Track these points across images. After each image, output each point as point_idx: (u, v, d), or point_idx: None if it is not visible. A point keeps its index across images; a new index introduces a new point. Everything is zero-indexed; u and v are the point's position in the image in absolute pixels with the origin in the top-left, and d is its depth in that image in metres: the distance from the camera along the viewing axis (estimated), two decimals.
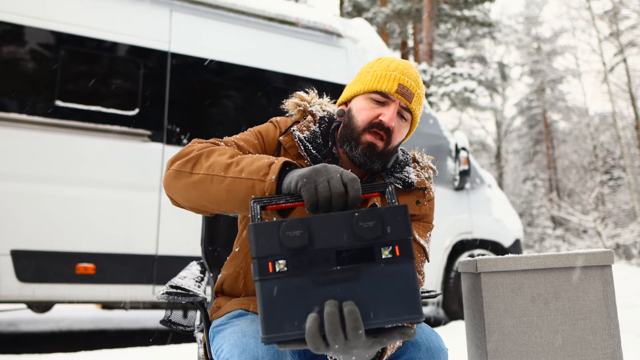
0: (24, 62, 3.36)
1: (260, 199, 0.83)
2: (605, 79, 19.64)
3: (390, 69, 1.20)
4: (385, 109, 1.18)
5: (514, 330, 1.45)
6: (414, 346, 1.07)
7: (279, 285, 0.71)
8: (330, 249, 0.73)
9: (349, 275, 0.72)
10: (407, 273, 0.72)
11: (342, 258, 0.72)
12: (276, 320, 0.69)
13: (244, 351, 0.95)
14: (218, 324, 1.16)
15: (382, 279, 0.71)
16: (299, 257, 0.72)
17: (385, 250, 0.73)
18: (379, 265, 0.72)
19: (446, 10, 16.90)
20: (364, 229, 0.73)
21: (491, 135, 27.32)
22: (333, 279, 0.71)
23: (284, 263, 0.72)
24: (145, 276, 3.42)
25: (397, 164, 1.26)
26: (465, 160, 4.70)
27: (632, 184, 18.09)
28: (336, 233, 0.74)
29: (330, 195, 0.79)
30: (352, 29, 4.63)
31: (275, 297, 0.70)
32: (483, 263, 1.48)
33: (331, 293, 0.71)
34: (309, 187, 0.80)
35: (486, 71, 23.48)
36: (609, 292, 1.46)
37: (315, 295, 0.70)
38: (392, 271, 0.72)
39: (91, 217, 3.31)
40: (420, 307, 0.71)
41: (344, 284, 0.71)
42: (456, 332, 3.66)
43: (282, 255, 0.72)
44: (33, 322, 5.19)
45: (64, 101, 3.36)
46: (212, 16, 3.97)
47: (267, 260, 0.72)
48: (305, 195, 0.80)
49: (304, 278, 0.71)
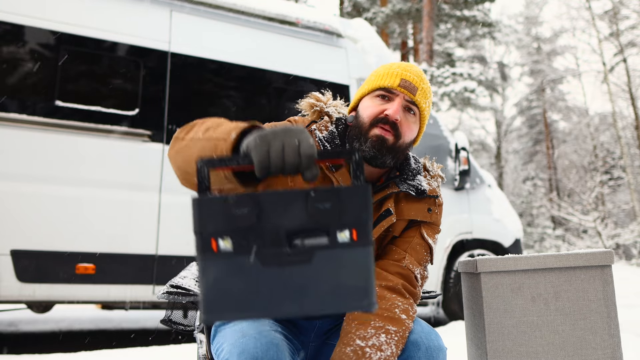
0: (24, 62, 3.36)
1: (209, 159, 0.74)
2: (605, 79, 19.65)
3: (392, 68, 1.24)
4: (389, 104, 1.20)
5: (514, 330, 1.45)
6: (414, 345, 1.08)
7: (222, 265, 0.66)
8: (281, 229, 0.67)
9: (300, 259, 0.67)
10: (363, 259, 0.67)
11: (294, 239, 0.67)
12: (218, 302, 0.65)
13: (243, 351, 0.95)
14: (221, 322, 1.16)
15: (336, 263, 0.67)
16: (246, 235, 0.67)
17: (341, 234, 0.67)
18: (333, 249, 0.67)
19: (446, 10, 16.90)
20: (319, 211, 0.67)
21: (491, 135, 27.33)
22: (282, 261, 0.66)
23: (230, 242, 0.66)
24: (145, 276, 3.42)
25: (410, 171, 1.27)
26: (465, 160, 4.70)
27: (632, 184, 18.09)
28: (289, 212, 0.68)
29: (282, 165, 0.72)
30: (352, 29, 4.63)
31: (218, 278, 0.65)
32: (483, 263, 1.48)
33: (279, 275, 0.66)
34: (260, 149, 0.73)
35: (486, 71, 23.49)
36: (609, 292, 1.46)
37: (262, 277, 0.66)
38: (347, 256, 0.67)
39: (91, 217, 3.31)
40: (373, 295, 0.67)
41: (294, 267, 0.66)
42: (456, 332, 3.66)
43: (228, 233, 0.66)
44: (33, 322, 5.19)
45: (64, 101, 3.36)
46: (212, 16, 3.96)
47: (210, 238, 0.66)
48: (255, 158, 0.73)
49: (250, 258, 0.66)
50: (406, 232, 1.24)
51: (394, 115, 1.17)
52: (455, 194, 4.77)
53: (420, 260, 1.22)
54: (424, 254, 1.23)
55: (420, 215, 1.24)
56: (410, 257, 1.20)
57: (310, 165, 0.72)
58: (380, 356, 1.03)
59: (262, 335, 0.99)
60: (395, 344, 1.05)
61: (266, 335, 0.99)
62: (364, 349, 1.03)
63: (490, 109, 19.84)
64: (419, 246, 1.23)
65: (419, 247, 1.23)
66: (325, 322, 1.23)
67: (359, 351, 1.03)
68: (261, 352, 0.95)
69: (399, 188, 1.23)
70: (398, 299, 1.12)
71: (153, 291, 3.44)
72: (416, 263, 1.21)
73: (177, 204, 3.53)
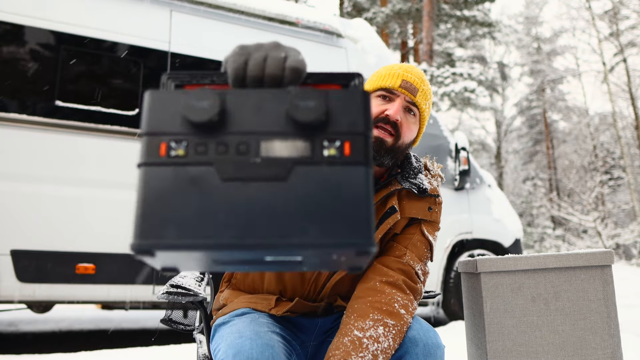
0: (24, 62, 3.36)
1: (176, 74, 0.59)
2: (605, 79, 19.65)
3: (393, 69, 1.25)
4: (390, 104, 1.22)
5: (514, 330, 1.45)
6: (412, 341, 1.08)
7: (171, 173, 0.50)
8: (250, 133, 0.52)
9: (272, 173, 0.51)
10: (356, 180, 0.51)
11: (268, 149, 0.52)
12: (157, 221, 0.49)
13: (238, 352, 0.95)
14: (221, 322, 1.17)
15: (320, 184, 0.51)
16: (206, 140, 0.51)
17: (330, 148, 0.52)
18: (317, 164, 0.51)
19: (446, 10, 16.91)
20: (301, 110, 0.51)
21: (491, 135, 27.33)
22: (249, 175, 0.50)
23: (184, 146, 0.51)
24: (145, 276, 3.42)
25: (412, 170, 1.28)
26: (465, 160, 4.70)
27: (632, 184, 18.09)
28: (262, 113, 0.53)
29: (261, 77, 0.58)
30: (352, 29, 4.63)
31: (162, 189, 0.50)
32: (483, 263, 1.48)
33: (243, 193, 0.50)
34: (237, 58, 0.59)
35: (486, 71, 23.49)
36: (609, 292, 1.46)
37: (220, 194, 0.50)
38: (336, 175, 0.51)
39: (91, 217, 3.31)
40: (371, 232, 0.50)
41: (264, 184, 0.50)
42: (456, 332, 3.66)
43: (183, 135, 0.52)
44: (33, 322, 5.19)
45: (64, 101, 3.36)
46: (212, 16, 3.97)
47: (159, 139, 0.52)
48: (230, 69, 0.59)
49: (208, 168, 0.51)
50: (407, 229, 1.26)
51: (395, 115, 1.19)
52: (455, 194, 4.77)
53: (421, 257, 1.24)
54: (424, 251, 1.25)
55: (421, 214, 1.25)
56: (411, 253, 1.22)
57: (294, 81, 0.58)
58: (377, 347, 1.03)
59: (258, 337, 0.99)
60: (393, 338, 1.06)
61: (262, 336, 1.00)
62: (362, 339, 1.03)
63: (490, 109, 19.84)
64: (419, 242, 1.24)
65: (419, 243, 1.24)
66: (326, 321, 1.23)
67: (357, 341, 1.03)
68: (256, 354, 0.95)
69: (402, 185, 1.24)
70: (398, 294, 1.13)
71: (153, 291, 3.44)
72: (417, 259, 1.22)
73: None
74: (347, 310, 1.12)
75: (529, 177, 25.89)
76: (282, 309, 1.17)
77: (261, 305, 1.18)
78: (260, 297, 1.20)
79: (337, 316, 1.23)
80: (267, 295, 1.20)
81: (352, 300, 1.13)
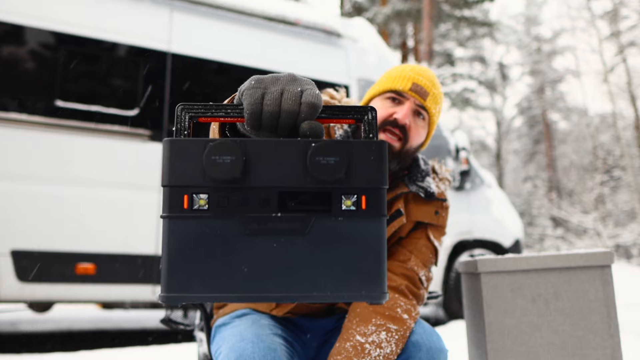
0: (24, 62, 3.36)
1: (191, 105, 0.61)
2: (605, 79, 19.65)
3: (405, 70, 1.23)
4: (399, 107, 1.20)
5: (514, 330, 1.45)
6: (415, 346, 1.07)
7: (194, 227, 0.52)
8: (271, 188, 0.53)
9: (292, 227, 0.53)
10: (372, 234, 0.53)
11: (287, 202, 0.53)
12: (183, 275, 0.50)
13: (240, 356, 0.95)
14: (221, 322, 1.16)
15: (337, 237, 0.53)
16: (227, 193, 0.53)
17: (347, 200, 0.54)
18: (336, 218, 0.53)
19: (446, 10, 16.91)
20: (321, 167, 0.53)
21: (491, 135, 27.32)
22: (270, 229, 0.52)
23: (206, 199, 0.52)
24: (145, 276, 3.42)
25: (419, 173, 1.27)
26: (465, 160, 4.70)
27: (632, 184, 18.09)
28: (283, 166, 0.54)
29: (278, 112, 0.58)
30: (352, 29, 4.63)
31: (186, 242, 0.51)
32: (483, 263, 1.48)
33: (264, 246, 0.52)
34: (254, 92, 0.59)
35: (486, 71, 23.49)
36: (609, 292, 1.46)
37: (243, 248, 0.52)
38: (353, 229, 0.53)
39: (91, 217, 3.31)
40: (384, 283, 0.53)
41: (285, 239, 0.52)
42: (456, 332, 3.66)
43: (205, 187, 0.53)
44: (33, 322, 5.19)
45: (64, 101, 3.36)
46: (212, 16, 3.97)
47: (182, 192, 0.53)
48: (246, 102, 0.59)
49: (230, 222, 0.52)
50: (412, 233, 1.24)
51: (403, 119, 1.18)
52: (456, 194, 4.77)
53: (426, 262, 1.22)
54: (429, 256, 1.23)
55: (427, 218, 1.24)
56: (415, 258, 1.20)
57: (310, 116, 0.58)
58: (379, 353, 1.02)
59: (260, 340, 0.98)
60: (396, 343, 1.05)
61: (264, 339, 0.99)
62: (364, 345, 1.03)
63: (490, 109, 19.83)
64: (424, 248, 1.23)
65: (424, 248, 1.23)
66: (327, 322, 1.23)
67: (358, 347, 1.02)
68: (259, 357, 0.94)
69: (409, 188, 1.23)
70: (401, 299, 1.12)
71: (153, 291, 3.44)
72: (421, 265, 1.21)
73: None
74: (349, 315, 1.11)
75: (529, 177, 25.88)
76: (283, 309, 1.17)
77: (262, 306, 1.17)
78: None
79: (339, 317, 1.23)
80: None
81: (353, 304, 1.12)
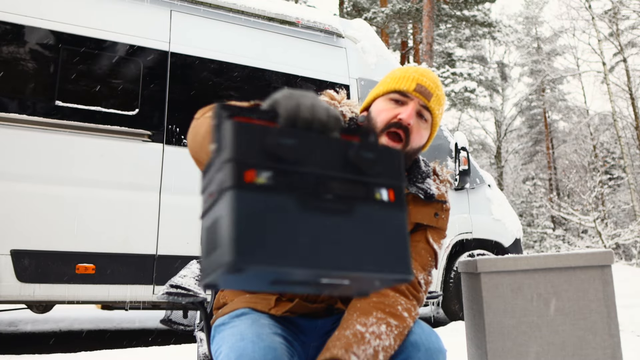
0: (24, 62, 3.36)
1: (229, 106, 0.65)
2: (605, 79, 19.65)
3: (408, 71, 1.23)
4: (403, 108, 1.20)
5: (514, 330, 1.45)
6: (413, 346, 1.07)
7: (259, 200, 0.56)
8: (323, 174, 0.60)
9: (340, 208, 0.60)
10: (400, 222, 0.62)
11: (335, 187, 0.60)
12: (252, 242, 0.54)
13: (241, 355, 0.95)
14: (220, 322, 1.16)
15: (374, 222, 0.61)
16: (288, 173, 0.58)
17: (378, 192, 0.62)
18: (373, 206, 0.61)
19: (446, 10, 16.91)
20: (364, 160, 0.62)
21: (491, 135, 27.33)
22: (323, 208, 0.59)
23: (266, 176, 0.57)
24: (145, 276, 3.42)
25: (420, 174, 1.26)
26: (465, 160, 4.70)
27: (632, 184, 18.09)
28: (330, 157, 0.61)
29: (311, 120, 0.66)
30: (352, 29, 4.63)
31: (250, 212, 0.55)
32: (483, 263, 1.48)
33: (320, 222, 0.58)
34: (289, 102, 0.67)
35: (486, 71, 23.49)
36: (609, 292, 1.46)
37: (302, 221, 0.57)
38: (385, 216, 0.62)
39: (91, 217, 3.31)
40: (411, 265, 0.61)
41: (334, 217, 0.59)
42: (456, 332, 3.66)
43: (268, 165, 0.58)
44: (33, 322, 5.19)
45: (64, 101, 3.36)
46: (212, 16, 3.97)
47: (246, 167, 0.57)
48: (282, 108, 0.66)
49: (290, 198, 0.57)
50: (412, 235, 1.23)
51: (407, 119, 1.17)
52: (455, 194, 4.77)
53: (425, 266, 1.22)
54: (428, 259, 1.23)
55: (427, 220, 1.23)
56: (414, 262, 1.19)
57: (337, 129, 0.67)
58: (379, 343, 1.02)
59: (260, 339, 0.98)
60: (394, 338, 1.05)
61: (264, 339, 0.99)
62: (364, 334, 1.02)
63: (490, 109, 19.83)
64: (423, 251, 1.22)
65: (423, 252, 1.22)
66: (326, 322, 1.23)
67: (358, 334, 1.02)
68: (259, 356, 0.94)
69: (409, 190, 1.22)
70: (401, 298, 1.13)
71: (153, 291, 3.44)
72: (420, 268, 1.20)
73: (177, 204, 3.53)
74: (348, 309, 1.11)
75: (529, 177, 25.89)
76: (281, 309, 1.17)
77: (261, 305, 1.17)
78: (260, 297, 1.20)
79: (337, 317, 1.23)
80: (267, 295, 1.19)
81: (354, 301, 1.12)
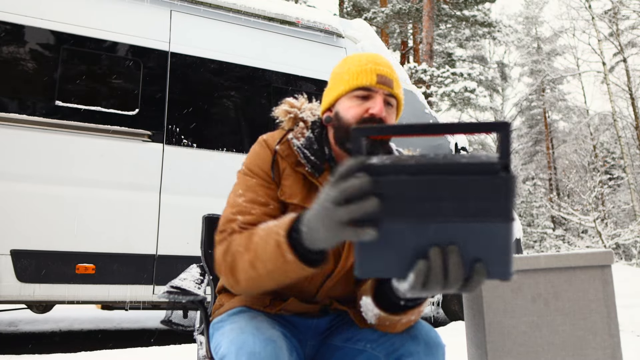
0: (24, 62, 3.36)
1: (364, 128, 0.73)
2: (605, 79, 19.64)
3: (363, 63, 1.21)
4: (371, 102, 1.19)
5: (514, 330, 1.45)
6: (413, 340, 1.08)
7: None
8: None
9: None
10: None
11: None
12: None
13: (241, 347, 0.95)
14: (218, 320, 1.16)
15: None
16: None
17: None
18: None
19: (446, 10, 16.90)
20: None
21: (491, 135, 27.29)
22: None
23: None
24: (145, 276, 3.42)
25: None
26: None
27: (632, 184, 18.09)
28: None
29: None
30: (352, 29, 4.63)
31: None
32: None
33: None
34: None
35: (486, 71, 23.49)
36: (609, 292, 1.46)
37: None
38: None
39: (91, 217, 3.31)
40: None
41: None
42: (456, 332, 3.66)
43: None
44: (33, 322, 5.19)
45: (64, 101, 3.36)
46: (212, 16, 3.97)
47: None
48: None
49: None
50: None
51: (380, 113, 1.16)
52: None
53: None
54: None
55: None
56: None
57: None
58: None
59: (260, 332, 0.99)
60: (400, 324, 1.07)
61: (264, 332, 1.00)
62: None
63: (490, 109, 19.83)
64: None
65: None
66: (321, 322, 1.23)
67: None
68: (259, 348, 0.95)
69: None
70: None
71: (153, 291, 3.44)
72: None
73: (177, 204, 3.53)
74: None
75: (529, 177, 25.88)
76: (276, 307, 1.18)
77: (256, 304, 1.18)
78: (256, 297, 1.21)
79: (333, 317, 1.23)
80: (261, 295, 1.20)
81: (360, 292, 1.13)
